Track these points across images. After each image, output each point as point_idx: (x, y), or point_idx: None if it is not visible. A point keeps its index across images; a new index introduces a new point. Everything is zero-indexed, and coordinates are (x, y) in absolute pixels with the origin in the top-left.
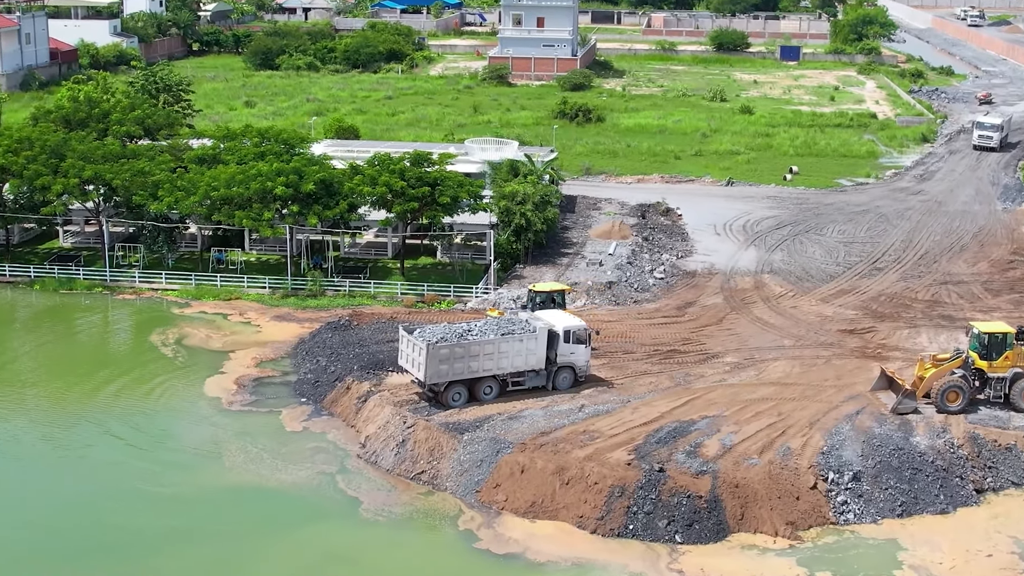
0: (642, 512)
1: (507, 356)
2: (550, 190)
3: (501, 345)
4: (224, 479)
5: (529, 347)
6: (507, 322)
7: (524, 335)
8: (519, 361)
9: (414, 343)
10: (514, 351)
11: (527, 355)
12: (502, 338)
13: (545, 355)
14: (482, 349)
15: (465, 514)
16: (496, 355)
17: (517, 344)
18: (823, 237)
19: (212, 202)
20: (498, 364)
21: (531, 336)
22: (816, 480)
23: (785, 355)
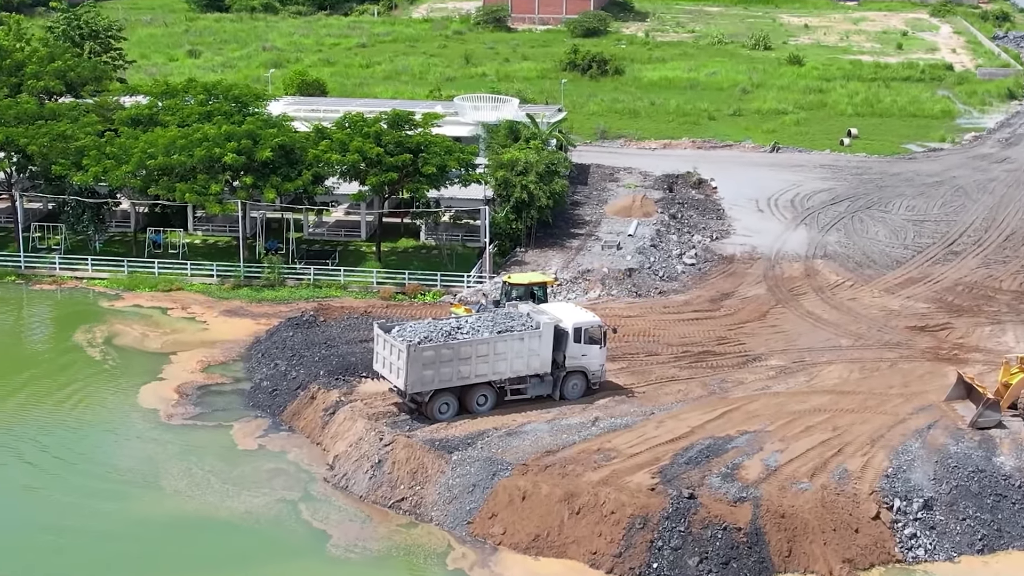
0: (668, 548)
1: (505, 358)
2: (557, 158)
3: (497, 345)
4: (163, 509)
5: (531, 347)
6: (505, 317)
7: (525, 333)
8: (519, 364)
9: (392, 344)
10: (513, 352)
11: (529, 357)
12: (498, 337)
13: (551, 357)
14: (474, 350)
15: (455, 550)
16: (492, 357)
17: (517, 344)
18: (888, 214)
19: (148, 172)
20: (494, 368)
21: (534, 334)
22: (879, 509)
23: (842, 357)
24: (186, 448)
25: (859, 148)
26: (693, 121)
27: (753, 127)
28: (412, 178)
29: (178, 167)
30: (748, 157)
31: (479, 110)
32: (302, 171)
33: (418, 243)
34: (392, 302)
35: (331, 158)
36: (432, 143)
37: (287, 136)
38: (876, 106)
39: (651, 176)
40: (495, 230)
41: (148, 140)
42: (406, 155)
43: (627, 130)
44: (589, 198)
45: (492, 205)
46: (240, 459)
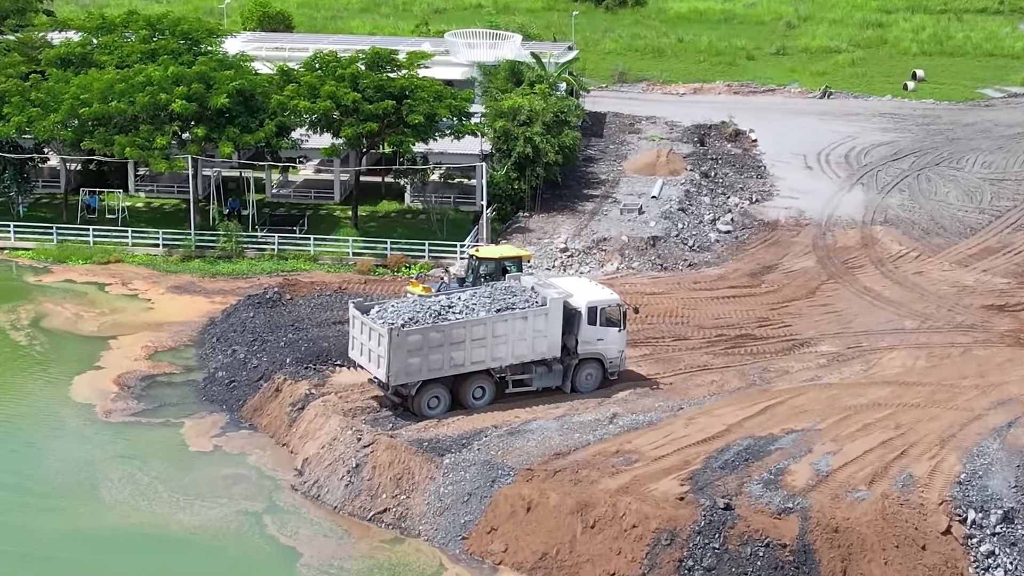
0: (700, 568)
1: (505, 341)
2: (567, 105)
3: (496, 326)
4: (102, 523)
5: (537, 327)
6: (505, 293)
7: (529, 311)
8: (523, 348)
9: (371, 328)
10: (515, 334)
11: (534, 339)
12: (497, 316)
13: (560, 340)
14: (469, 333)
15: (449, 571)
16: (489, 341)
17: (519, 324)
18: (960, 172)
19: (81, 123)
20: (492, 354)
21: (539, 312)
22: (950, 522)
23: (906, 342)
24: (128, 450)
25: (926, 93)
26: (728, 61)
27: (800, 68)
28: (395, 129)
29: (117, 116)
30: (794, 104)
31: (474, 48)
32: (264, 121)
33: (402, 207)
34: (371, 276)
35: (299, 105)
36: (419, 88)
37: (246, 79)
38: (946, 43)
39: (679, 127)
40: (494, 191)
41: (81, 84)
42: (388, 102)
43: (650, 72)
44: (605, 153)
45: (490, 161)
46: (192, 463)
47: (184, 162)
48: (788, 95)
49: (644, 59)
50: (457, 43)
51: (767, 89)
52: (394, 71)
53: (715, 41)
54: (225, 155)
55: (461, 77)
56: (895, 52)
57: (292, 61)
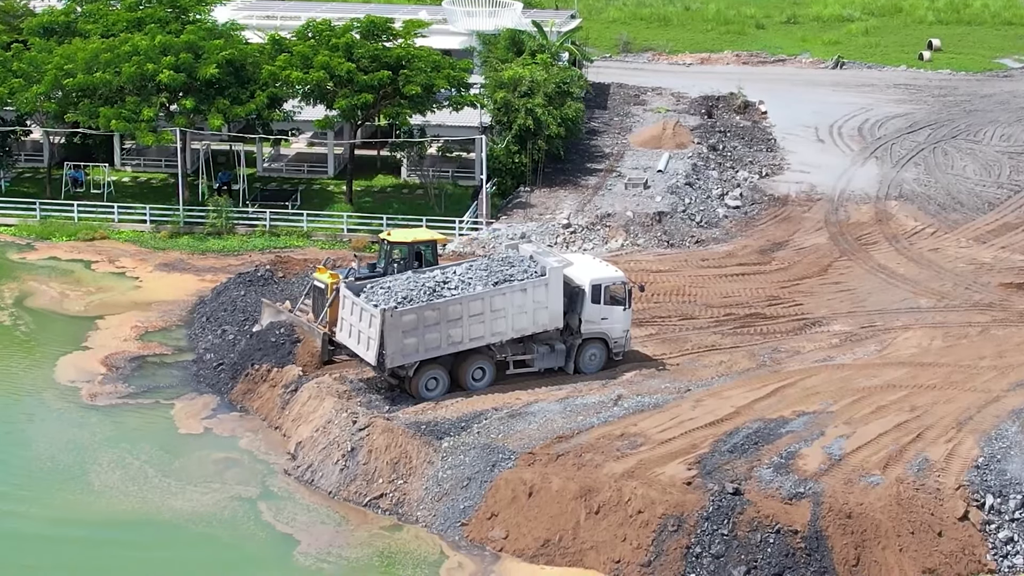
0: (708, 555)
1: (504, 315)
2: (570, 76)
3: (495, 300)
4: (92, 509)
5: (537, 299)
6: (502, 264)
7: (528, 282)
8: (523, 321)
9: (362, 309)
10: (515, 307)
11: (535, 311)
12: (495, 290)
13: (561, 309)
14: (466, 309)
15: (450, 559)
16: (488, 316)
17: (519, 296)
18: (978, 145)
19: (65, 94)
20: (492, 329)
21: (539, 283)
22: (967, 507)
23: (921, 321)
24: (117, 433)
25: (942, 63)
26: (737, 30)
27: (811, 38)
28: (391, 101)
29: (102, 87)
30: (805, 75)
31: (473, 16)
32: (255, 92)
33: (398, 181)
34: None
35: (291, 76)
36: (416, 57)
37: (236, 49)
38: (963, 11)
39: (685, 98)
40: (494, 165)
41: (64, 54)
42: (384, 72)
43: (656, 41)
44: (609, 125)
45: (490, 134)
46: (183, 447)
47: (172, 135)
48: (799, 65)
49: (649, 28)
50: (455, 11)
51: (777, 59)
52: (390, 40)
53: (723, 9)
54: (215, 128)
55: (459, 47)
56: (910, 21)
57: (284, 30)
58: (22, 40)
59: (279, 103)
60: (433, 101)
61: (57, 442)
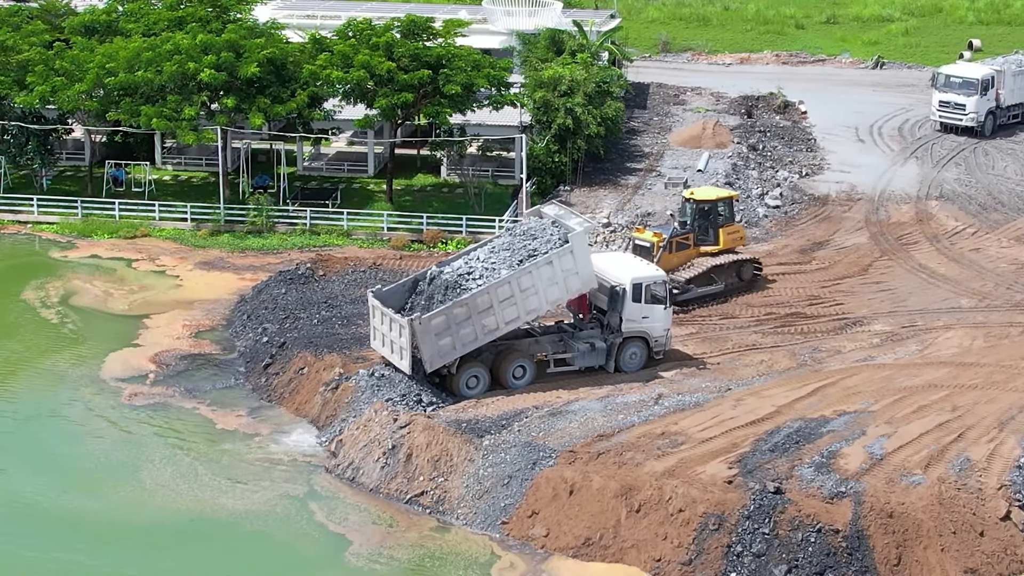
0: (749, 554)
1: (535, 291)
2: (610, 75)
3: (522, 280)
4: (149, 506)
5: (565, 267)
6: (524, 237)
7: (553, 254)
8: (556, 292)
9: (391, 318)
10: (544, 281)
11: (566, 279)
12: (521, 270)
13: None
14: (494, 296)
15: (502, 559)
16: (518, 296)
17: (546, 270)
18: (1019, 145)
19: (107, 93)
20: (525, 308)
21: (563, 252)
22: (1010, 507)
23: (963, 321)
24: (163, 430)
25: None
26: (777, 30)
27: (851, 38)
28: (431, 100)
29: (143, 86)
30: (845, 75)
31: (513, 16)
32: (296, 91)
33: (438, 180)
34: (407, 252)
35: (331, 75)
36: (456, 56)
37: (277, 48)
38: (1004, 12)
39: (725, 98)
40: (533, 164)
41: (106, 53)
42: (424, 71)
43: (695, 41)
44: (649, 125)
45: (530, 133)
46: (228, 444)
47: (213, 134)
48: (839, 65)
49: (689, 28)
50: (495, 10)
51: (817, 59)
52: (430, 39)
53: (763, 9)
54: (255, 126)
55: (499, 46)
56: (950, 21)
57: (324, 29)
58: (64, 39)
59: (319, 102)
60: (473, 100)
61: (108, 439)
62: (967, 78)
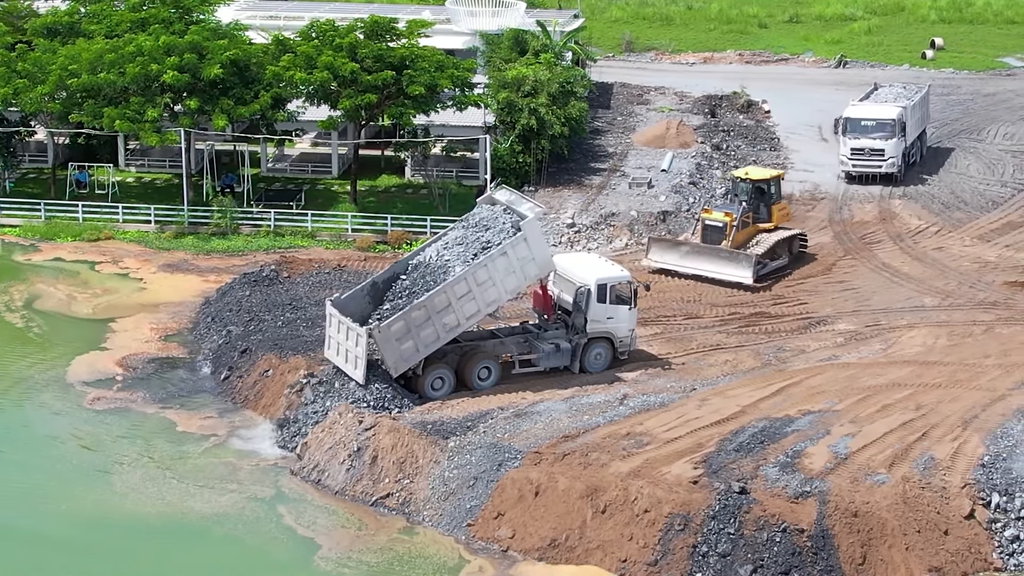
0: (715, 554)
1: (493, 283)
2: (574, 75)
3: (478, 274)
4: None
5: (520, 255)
6: (478, 229)
7: (507, 244)
8: (513, 281)
9: (348, 327)
10: (501, 272)
11: (522, 267)
12: (476, 265)
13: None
14: (451, 294)
15: (470, 563)
16: (476, 291)
17: (501, 261)
18: (981, 144)
19: (69, 95)
20: (485, 300)
21: (517, 241)
22: (973, 506)
23: (926, 320)
24: (130, 434)
25: (944, 62)
26: (740, 30)
27: (814, 36)
28: (395, 101)
29: (106, 88)
30: (808, 74)
31: (476, 16)
32: (259, 92)
33: (402, 181)
34: (371, 253)
35: (295, 76)
36: (419, 57)
37: (240, 49)
38: (966, 10)
39: (689, 98)
40: (497, 165)
41: (69, 55)
42: (387, 72)
43: (658, 41)
44: (613, 125)
45: (494, 134)
46: (193, 447)
47: (176, 135)
48: (802, 64)
49: (652, 27)
50: (458, 11)
51: (780, 58)
52: (393, 40)
53: (726, 8)
54: (219, 128)
55: (463, 46)
56: (913, 19)
57: (288, 30)
58: (26, 40)
59: (283, 103)
60: (437, 101)
61: (75, 442)
62: (881, 119)
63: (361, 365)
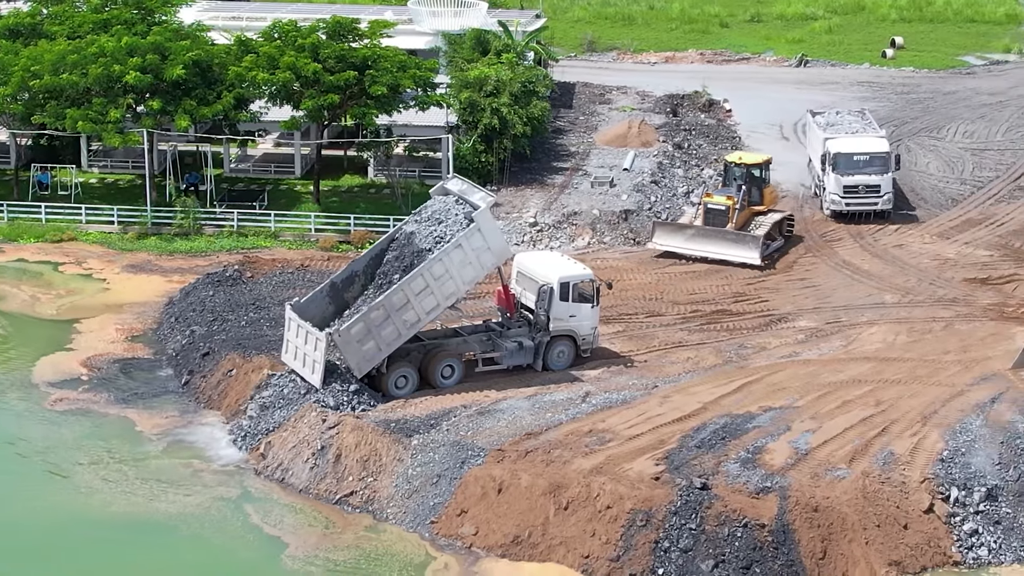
0: (677, 549)
1: (451, 277)
2: (536, 75)
3: (434, 268)
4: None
5: (475, 246)
6: (431, 223)
7: (461, 236)
8: (471, 272)
9: (308, 332)
10: (456, 264)
11: (479, 257)
12: (430, 260)
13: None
14: (408, 291)
15: (436, 560)
16: (434, 285)
17: (457, 254)
18: (941, 142)
19: (32, 96)
20: (443, 294)
21: (471, 232)
22: (932, 500)
23: (886, 317)
24: (94, 434)
25: (905, 61)
26: (701, 29)
27: (775, 36)
28: (357, 101)
29: (69, 89)
30: (769, 73)
31: (438, 16)
32: (222, 93)
33: (365, 181)
34: (334, 253)
35: (257, 77)
36: (381, 57)
37: (203, 50)
38: (926, 9)
39: (650, 97)
40: (460, 164)
41: (31, 56)
42: (350, 72)
43: (620, 41)
44: (575, 124)
45: (456, 133)
46: (157, 447)
47: (139, 136)
48: (763, 64)
49: (614, 27)
50: (420, 11)
51: (741, 58)
52: (356, 41)
53: (687, 8)
54: (181, 129)
55: (425, 47)
56: (873, 19)
57: (250, 31)
58: None
59: (246, 104)
60: (399, 101)
61: (37, 443)
62: (875, 153)
63: (319, 369)
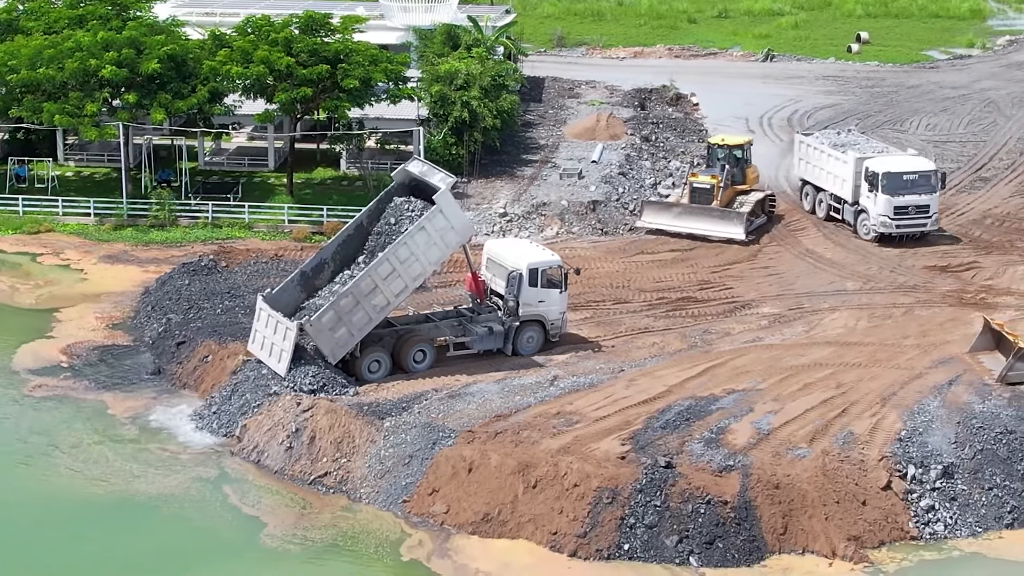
0: (642, 525)
1: (416, 259)
2: (505, 69)
3: (399, 252)
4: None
5: (438, 226)
6: (395, 211)
7: (424, 218)
8: (436, 253)
9: (278, 322)
10: (421, 246)
11: (443, 235)
12: (396, 245)
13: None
14: (375, 276)
15: (411, 536)
16: (400, 268)
17: (421, 236)
18: (904, 135)
19: (8, 90)
20: (410, 276)
21: (433, 214)
22: (890, 478)
23: (847, 303)
24: (71, 418)
25: (870, 56)
26: (669, 24)
27: (742, 31)
28: (330, 94)
29: (45, 83)
30: (736, 67)
31: (410, 12)
32: (196, 87)
33: (338, 173)
34: (307, 244)
35: (231, 71)
36: (354, 52)
37: (177, 44)
38: (891, 5)
39: (619, 91)
40: (431, 156)
41: (7, 51)
42: (322, 66)
43: (589, 36)
44: (544, 118)
45: (427, 126)
46: (136, 431)
47: (115, 130)
48: (730, 58)
49: (583, 23)
50: (392, 6)
51: (709, 53)
52: (328, 35)
53: (655, 4)
54: (156, 122)
55: (397, 41)
56: (839, 14)
57: (224, 26)
58: None
59: (220, 97)
60: (371, 94)
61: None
62: (923, 171)
63: (285, 359)
